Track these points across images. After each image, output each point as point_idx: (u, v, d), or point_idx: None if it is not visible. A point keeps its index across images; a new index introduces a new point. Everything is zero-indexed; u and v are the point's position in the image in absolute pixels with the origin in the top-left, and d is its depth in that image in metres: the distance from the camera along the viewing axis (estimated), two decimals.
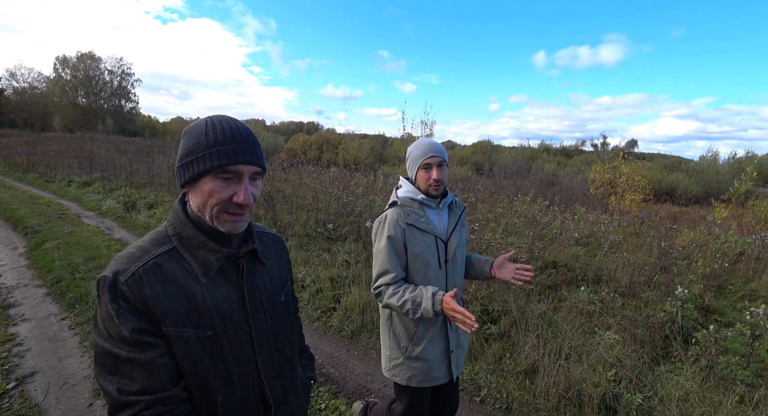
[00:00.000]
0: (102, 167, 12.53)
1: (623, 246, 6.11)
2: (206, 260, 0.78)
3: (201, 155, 0.74)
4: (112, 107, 51.65)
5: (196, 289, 0.76)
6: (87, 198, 8.85)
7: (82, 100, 50.05)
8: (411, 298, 1.36)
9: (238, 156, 0.74)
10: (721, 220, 8.54)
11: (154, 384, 0.70)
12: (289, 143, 27.59)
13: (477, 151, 36.01)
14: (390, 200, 1.55)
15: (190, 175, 0.75)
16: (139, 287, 0.70)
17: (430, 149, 1.45)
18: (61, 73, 50.12)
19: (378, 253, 1.46)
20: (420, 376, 1.52)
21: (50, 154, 16.73)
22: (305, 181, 9.82)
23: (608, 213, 9.69)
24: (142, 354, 0.69)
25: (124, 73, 53.10)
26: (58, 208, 7.74)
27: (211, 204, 0.75)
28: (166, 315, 0.72)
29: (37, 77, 52.43)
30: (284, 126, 65.93)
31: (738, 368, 2.86)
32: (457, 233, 1.55)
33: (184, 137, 0.78)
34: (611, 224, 7.64)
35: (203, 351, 0.76)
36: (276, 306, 0.91)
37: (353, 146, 18.05)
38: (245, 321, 0.82)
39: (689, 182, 21.99)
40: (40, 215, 6.79)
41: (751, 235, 6.84)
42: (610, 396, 2.33)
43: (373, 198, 6.78)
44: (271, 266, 0.93)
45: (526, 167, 22.75)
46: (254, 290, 0.85)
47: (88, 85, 49.82)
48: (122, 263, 0.72)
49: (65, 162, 14.34)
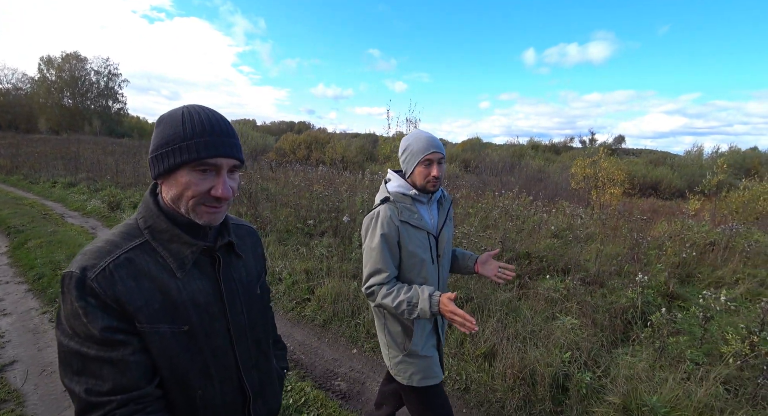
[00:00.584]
0: (87, 168, 12.48)
1: (598, 238, 6.32)
2: (181, 253, 0.76)
3: (178, 146, 0.71)
4: (99, 108, 50.96)
5: (171, 283, 0.74)
6: (71, 199, 8.85)
7: (68, 101, 49.31)
8: (406, 299, 1.33)
9: (218, 149, 0.73)
10: (694, 211, 8.84)
11: (126, 383, 0.68)
12: (278, 142, 27.57)
13: (467, 148, 36.37)
14: (381, 195, 1.49)
15: (165, 166, 0.73)
16: (110, 283, 0.68)
17: (431, 144, 1.40)
18: (46, 74, 49.32)
19: (370, 251, 1.40)
20: (420, 374, 1.49)
21: (35, 156, 16.56)
22: (291, 179, 9.91)
23: (590, 207, 9.95)
24: (113, 353, 0.67)
25: (111, 74, 52.43)
26: (41, 208, 7.74)
27: (187, 197, 0.74)
28: (139, 311, 0.70)
29: (21, 78, 51.49)
30: (275, 126, 65.61)
31: (687, 348, 3.05)
32: (447, 227, 1.55)
33: (159, 126, 0.75)
34: (590, 217, 7.87)
35: (180, 346, 0.75)
36: (252, 298, 0.91)
37: (340, 144, 18.16)
38: (222, 314, 0.81)
39: (673, 177, 22.51)
40: (23, 216, 6.80)
41: (721, 225, 7.12)
42: (561, 375, 2.49)
43: (356, 195, 6.92)
44: (247, 258, 0.92)
45: (513, 163, 23.06)
46: (231, 283, 0.84)
47: (74, 86, 49.10)
48: (90, 259, 0.69)
49: (50, 164, 14.23)
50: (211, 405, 0.80)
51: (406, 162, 1.46)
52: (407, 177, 1.47)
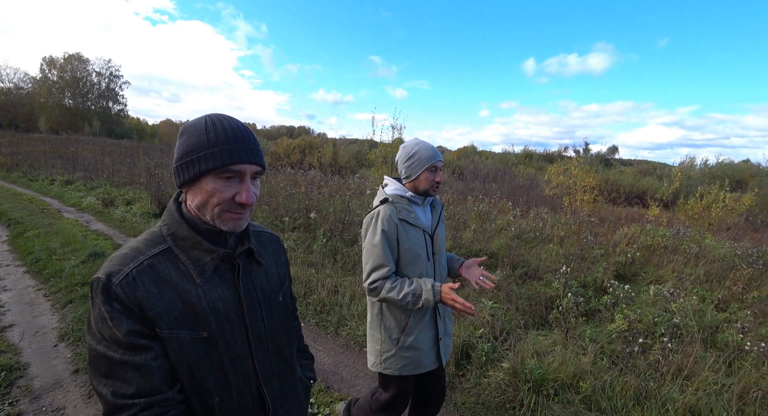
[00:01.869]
0: (85, 167, 13.01)
1: (555, 240, 6.86)
2: (201, 260, 0.77)
3: (202, 154, 0.73)
4: (100, 109, 51.57)
5: (191, 290, 0.75)
6: (68, 195, 9.37)
7: (69, 101, 49.91)
8: (411, 291, 1.45)
9: (241, 156, 0.74)
10: (654, 217, 9.42)
11: (149, 387, 0.70)
12: (273, 146, 28.16)
13: (461, 156, 37.13)
14: (379, 198, 1.61)
15: (190, 174, 0.74)
16: (133, 288, 0.70)
17: (437, 154, 1.57)
18: (48, 74, 49.97)
19: (372, 248, 1.51)
20: (411, 365, 1.59)
21: (34, 154, 17.08)
22: (276, 181, 10.45)
23: (563, 213, 10.51)
24: (137, 357, 0.69)
25: (113, 75, 53.15)
26: (40, 204, 8.26)
27: (212, 204, 0.75)
28: (160, 317, 0.71)
29: (23, 78, 52.13)
30: (275, 130, 66.32)
31: (586, 328, 3.58)
32: (440, 228, 1.67)
33: (183, 136, 0.77)
34: (558, 222, 8.39)
35: (198, 353, 0.75)
36: (273, 306, 0.90)
37: (329, 149, 18.73)
38: (242, 321, 0.82)
39: (659, 187, 23.25)
40: (22, 210, 7.32)
41: (670, 228, 7.69)
42: (467, 345, 3.00)
43: (335, 197, 7.47)
44: (268, 265, 0.93)
45: (504, 171, 23.67)
46: (251, 290, 0.85)
47: (75, 86, 49.73)
48: (115, 265, 0.72)
49: (49, 162, 14.75)
50: (230, 413, 0.81)
51: (411, 167, 1.57)
52: (409, 181, 1.59)
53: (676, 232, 7.38)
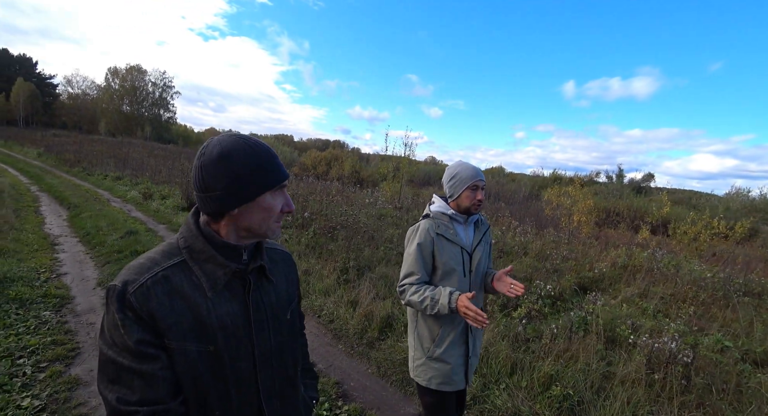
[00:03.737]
0: (132, 167, 14.83)
1: (533, 254, 7.44)
2: (214, 274, 0.78)
3: (260, 174, 0.77)
4: (152, 116, 56.26)
5: (202, 303, 0.76)
6: (117, 189, 10.94)
7: (126, 108, 54.87)
8: (430, 295, 1.51)
9: (283, 171, 0.81)
10: (643, 239, 9.71)
11: (153, 396, 0.70)
12: (302, 158, 29.91)
13: (487, 177, 37.42)
14: (424, 213, 1.73)
15: (249, 194, 0.77)
16: (146, 298, 0.71)
17: (477, 173, 1.64)
18: (111, 83, 55.35)
19: (408, 256, 1.63)
20: (440, 378, 1.62)
21: (93, 153, 19.42)
22: (299, 190, 11.61)
23: (565, 234, 10.94)
24: (144, 365, 0.70)
25: (166, 86, 58.01)
26: (93, 194, 9.80)
27: (273, 218, 0.80)
28: (170, 328, 0.73)
29: (90, 85, 58.01)
30: (311, 143, 69.24)
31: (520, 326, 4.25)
32: (481, 247, 1.71)
33: (226, 161, 0.76)
34: (551, 240, 8.88)
35: (203, 366, 0.76)
36: (281, 324, 0.91)
37: (347, 163, 19.97)
38: (248, 337, 0.82)
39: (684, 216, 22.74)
40: (79, 197, 8.83)
41: (653, 250, 8.03)
42: (392, 317, 3.73)
43: (342, 205, 8.47)
44: (279, 283, 0.93)
45: (524, 193, 23.94)
46: (259, 307, 0.85)
47: (133, 94, 54.72)
48: (132, 274, 0.73)
49: (104, 161, 16.82)
50: None
51: (453, 187, 1.66)
52: (453, 200, 1.67)
53: (652, 254, 7.76)
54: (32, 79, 57.88)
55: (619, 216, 18.37)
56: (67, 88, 58.47)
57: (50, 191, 9.79)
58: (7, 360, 2.55)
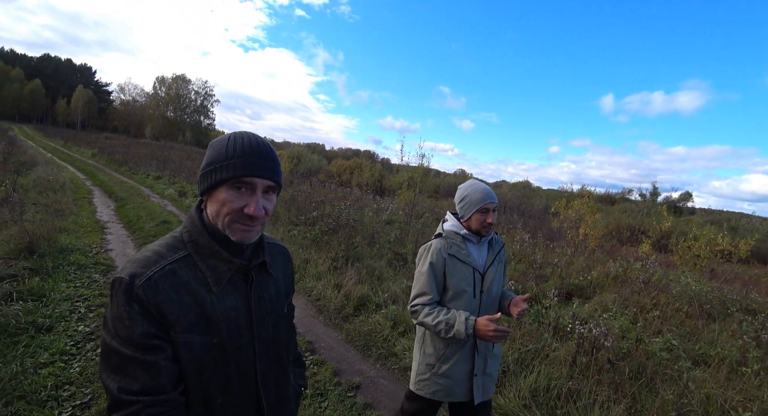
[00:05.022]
0: (172, 168, 16.35)
1: (527, 260, 7.86)
2: (218, 269, 0.81)
3: (219, 165, 0.78)
4: (193, 122, 60.04)
5: (206, 297, 0.79)
6: (156, 186, 12.28)
7: (170, 114, 58.96)
8: (445, 320, 1.50)
9: (253, 169, 0.78)
10: (643, 253, 9.83)
11: (154, 386, 0.72)
12: (329, 166, 31.21)
13: (512, 190, 37.52)
14: (436, 232, 1.71)
15: (208, 183, 0.79)
16: (154, 292, 0.73)
17: (488, 196, 1.60)
18: (158, 91, 59.70)
19: (419, 276, 1.62)
20: (443, 391, 1.64)
21: (138, 155, 21.39)
22: (313, 193, 12.55)
23: (570, 246, 11.21)
24: (147, 356, 0.72)
25: (207, 94, 61.96)
26: (137, 190, 11.12)
27: (224, 213, 0.79)
28: (176, 321, 0.75)
29: (140, 93, 62.65)
30: (341, 152, 71.20)
31: None
32: (494, 267, 1.69)
33: (209, 149, 0.82)
34: (552, 251, 9.22)
35: (208, 358, 0.79)
36: (279, 317, 0.94)
37: (366, 171, 20.89)
38: (249, 330, 0.85)
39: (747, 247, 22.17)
40: (125, 192, 10.12)
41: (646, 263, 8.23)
42: (366, 297, 4.34)
43: (349, 210, 9.27)
44: (277, 277, 0.96)
45: (546, 208, 23.89)
46: (261, 301, 0.88)
47: (177, 102, 58.78)
48: (138, 267, 0.75)
49: (147, 162, 18.58)
50: None
51: (463, 209, 1.64)
52: (464, 221, 1.66)
53: (645, 266, 8.00)
54: (90, 87, 63.47)
55: (643, 234, 18.08)
56: (119, 95, 63.74)
57: (102, 186, 11.23)
58: (69, 302, 3.46)
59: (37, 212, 5.87)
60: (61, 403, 2.23)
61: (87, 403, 2.26)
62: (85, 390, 2.36)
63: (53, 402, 2.21)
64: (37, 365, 2.51)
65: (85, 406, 2.24)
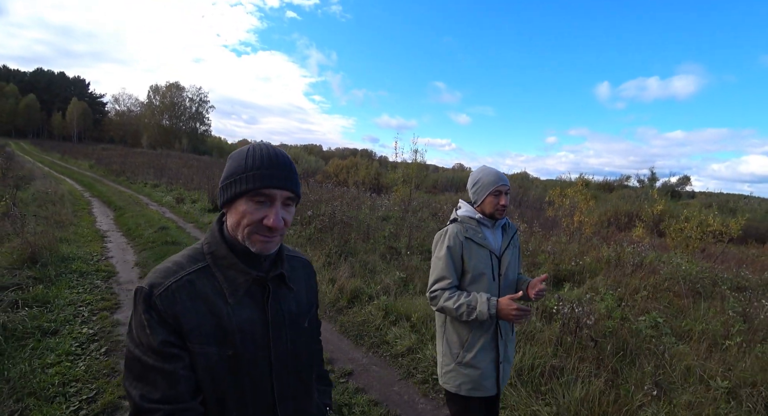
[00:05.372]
0: (169, 176, 16.50)
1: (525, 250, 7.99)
2: (235, 280, 0.81)
3: (239, 177, 0.79)
4: (189, 129, 60.17)
5: (223, 308, 0.79)
6: (154, 194, 12.43)
7: (166, 122, 59.11)
8: (466, 302, 1.50)
9: (273, 181, 0.79)
10: (636, 237, 9.97)
11: (174, 395, 0.73)
12: (326, 166, 31.36)
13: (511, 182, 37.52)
14: (451, 218, 1.72)
15: (228, 196, 0.80)
16: (171, 302, 0.75)
17: (500, 178, 1.62)
18: (153, 100, 59.81)
19: (437, 261, 1.61)
20: (470, 384, 1.60)
21: (135, 165, 21.53)
22: (309, 193, 12.68)
23: (566, 234, 11.35)
24: (167, 365, 0.73)
25: (202, 101, 62.11)
26: (135, 199, 11.27)
27: (243, 225, 0.79)
28: (192, 332, 0.76)
29: (135, 102, 62.78)
30: (339, 152, 71.41)
31: None
32: (510, 251, 1.69)
33: (229, 161, 0.84)
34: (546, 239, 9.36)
35: (223, 369, 0.79)
36: (299, 331, 0.93)
37: (362, 170, 21.05)
38: (266, 343, 0.85)
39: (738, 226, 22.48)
40: (123, 201, 10.27)
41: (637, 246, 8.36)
42: (359, 290, 4.45)
43: (341, 207, 9.41)
44: (299, 291, 0.95)
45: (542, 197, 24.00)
46: (278, 314, 0.87)
47: (172, 110, 58.91)
48: (158, 277, 0.77)
49: (145, 171, 18.73)
50: None
51: (476, 193, 1.65)
52: (477, 205, 1.67)
53: (637, 249, 8.13)
54: (85, 99, 63.57)
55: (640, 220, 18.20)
56: (114, 105, 63.92)
57: (100, 197, 11.39)
58: (72, 306, 3.60)
59: (38, 224, 6.01)
60: (68, 398, 2.37)
61: (93, 398, 2.40)
62: (91, 386, 2.51)
63: (61, 398, 2.36)
64: (45, 365, 2.66)
65: (91, 400, 2.38)
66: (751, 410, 2.80)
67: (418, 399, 2.77)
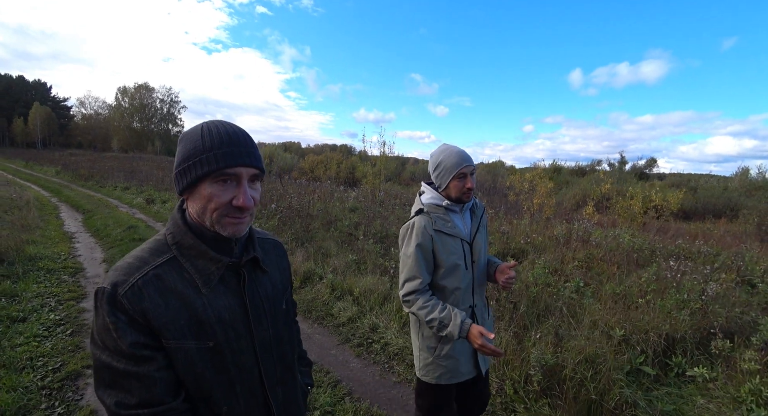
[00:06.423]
0: (139, 178, 16.43)
1: None
2: (207, 269, 0.77)
3: (198, 159, 0.73)
4: (161, 131, 58.81)
5: (197, 300, 0.75)
6: (125, 197, 12.45)
7: (137, 124, 57.59)
8: (439, 318, 1.43)
9: (236, 158, 0.74)
10: (587, 215, 10.73)
11: (151, 398, 0.70)
12: (301, 162, 31.46)
13: (485, 171, 38.62)
14: (415, 207, 1.59)
15: (188, 180, 0.75)
16: (139, 299, 0.70)
17: (464, 159, 1.50)
18: (121, 102, 58.12)
19: (406, 259, 1.51)
20: (448, 374, 1.58)
21: (105, 169, 21.21)
22: (278, 188, 12.96)
23: (527, 216, 12.02)
24: (139, 368, 0.69)
25: (173, 101, 60.70)
26: (105, 202, 11.31)
27: (211, 209, 0.75)
28: (166, 328, 0.72)
29: (102, 105, 60.83)
30: (318, 148, 71.02)
31: None
32: (480, 234, 1.62)
33: (180, 144, 0.77)
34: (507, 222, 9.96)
35: (205, 363, 0.76)
36: (278, 314, 0.91)
37: (333, 165, 21.41)
38: (247, 330, 0.82)
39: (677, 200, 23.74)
40: (92, 204, 10.34)
41: (582, 222, 9.04)
42: (309, 271, 4.92)
43: (314, 201, 9.77)
44: (272, 273, 0.93)
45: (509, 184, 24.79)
46: (256, 299, 0.85)
47: (142, 111, 57.42)
48: (121, 275, 0.72)
49: (115, 175, 18.53)
50: None
51: (439, 177, 1.54)
52: (441, 190, 1.55)
53: (582, 225, 8.79)
54: (47, 103, 61.08)
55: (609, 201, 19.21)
56: (80, 109, 61.72)
57: (68, 201, 11.36)
58: (40, 298, 3.89)
59: (3, 228, 6.16)
60: (35, 370, 2.70)
61: (58, 368, 2.75)
62: (57, 360, 2.84)
63: (29, 369, 2.69)
64: (14, 345, 2.97)
65: (56, 370, 2.72)
66: (641, 352, 3.37)
67: (351, 360, 3.21)
